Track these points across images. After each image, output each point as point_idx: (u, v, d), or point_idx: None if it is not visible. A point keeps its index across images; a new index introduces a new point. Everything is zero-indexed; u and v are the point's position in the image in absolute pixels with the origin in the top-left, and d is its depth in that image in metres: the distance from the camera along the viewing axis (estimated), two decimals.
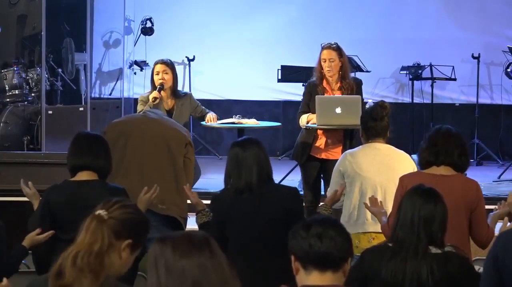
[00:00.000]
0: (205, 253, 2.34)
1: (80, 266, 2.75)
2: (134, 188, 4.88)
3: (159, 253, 2.36)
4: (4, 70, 9.67)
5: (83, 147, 4.63)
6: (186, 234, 2.42)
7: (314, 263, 2.85)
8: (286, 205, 4.60)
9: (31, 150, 9.11)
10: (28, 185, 4.82)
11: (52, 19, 9.67)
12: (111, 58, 11.52)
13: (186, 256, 2.33)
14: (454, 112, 11.11)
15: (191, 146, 5.83)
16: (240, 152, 4.63)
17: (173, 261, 2.33)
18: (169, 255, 2.34)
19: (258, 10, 11.26)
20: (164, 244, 2.37)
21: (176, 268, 2.32)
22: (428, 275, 3.60)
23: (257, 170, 4.59)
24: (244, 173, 4.58)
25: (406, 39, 11.03)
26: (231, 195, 4.64)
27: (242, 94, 11.32)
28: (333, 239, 2.86)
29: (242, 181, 4.58)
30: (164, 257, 2.34)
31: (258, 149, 4.66)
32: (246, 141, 4.75)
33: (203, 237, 2.40)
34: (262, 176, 4.61)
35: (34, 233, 4.48)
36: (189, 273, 2.31)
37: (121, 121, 5.95)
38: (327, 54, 7.04)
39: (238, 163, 4.62)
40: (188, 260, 2.32)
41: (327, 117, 6.93)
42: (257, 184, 4.58)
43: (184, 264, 2.32)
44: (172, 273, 2.32)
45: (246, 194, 4.58)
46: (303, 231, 2.89)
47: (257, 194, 4.57)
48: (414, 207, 3.69)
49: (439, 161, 4.62)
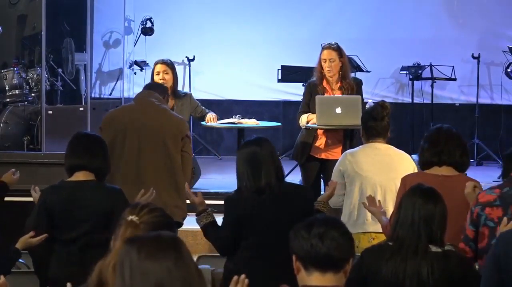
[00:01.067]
0: (170, 255, 2.32)
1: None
2: (133, 195, 4.83)
3: (125, 254, 2.34)
4: (4, 70, 9.66)
5: (80, 147, 4.62)
6: (154, 235, 2.40)
7: (315, 264, 2.83)
8: (306, 205, 4.60)
9: (31, 150, 9.10)
10: (36, 190, 4.81)
11: (52, 19, 9.66)
12: (111, 58, 11.51)
13: (151, 257, 2.30)
14: (454, 112, 11.11)
15: (188, 137, 5.78)
16: (258, 151, 4.57)
17: (138, 262, 2.30)
18: (134, 256, 2.31)
19: (258, 10, 11.26)
20: (131, 245, 2.35)
21: (140, 270, 2.30)
22: (428, 274, 3.60)
23: (275, 169, 4.57)
24: (264, 173, 4.53)
25: (406, 39, 11.03)
26: (249, 195, 4.56)
27: (242, 94, 11.32)
28: (335, 239, 2.84)
29: (262, 181, 4.52)
30: (129, 258, 2.32)
31: (272, 148, 4.64)
32: (261, 139, 4.68)
33: (172, 239, 2.38)
34: (278, 176, 4.59)
35: (28, 235, 4.46)
36: (153, 275, 2.29)
37: (116, 117, 5.78)
38: (327, 54, 7.04)
39: (256, 162, 4.54)
40: (153, 262, 2.30)
41: (327, 117, 6.93)
42: (276, 184, 4.56)
43: (148, 266, 2.30)
44: (136, 275, 2.30)
45: (267, 194, 4.54)
46: (304, 231, 2.87)
47: (277, 194, 4.55)
48: (414, 207, 3.69)
49: (441, 161, 4.62)
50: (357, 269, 3.75)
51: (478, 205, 4.17)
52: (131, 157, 5.62)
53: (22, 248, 4.46)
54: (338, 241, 2.85)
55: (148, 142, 5.64)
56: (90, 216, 4.53)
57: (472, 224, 4.17)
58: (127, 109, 5.86)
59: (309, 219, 2.97)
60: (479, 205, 4.16)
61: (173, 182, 5.65)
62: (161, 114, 5.73)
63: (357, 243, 5.37)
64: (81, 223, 4.53)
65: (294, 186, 4.80)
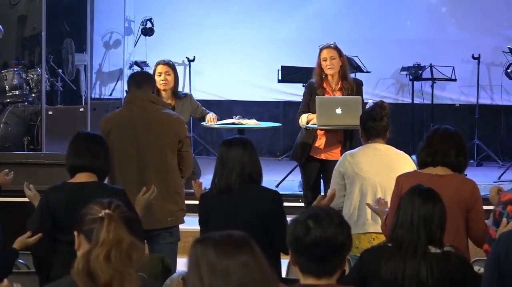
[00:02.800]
0: (246, 252, 2.33)
1: (114, 265, 2.74)
2: (133, 197, 4.82)
3: (201, 254, 2.33)
4: (4, 71, 9.67)
5: (82, 147, 4.60)
6: (226, 234, 2.41)
7: (309, 257, 2.84)
8: (263, 209, 4.58)
9: (31, 150, 9.10)
10: (30, 187, 4.80)
11: (52, 19, 9.66)
12: (111, 59, 11.51)
13: (229, 255, 2.32)
14: (454, 112, 11.11)
15: (187, 137, 5.77)
16: (225, 152, 4.64)
17: (216, 261, 2.31)
18: (211, 255, 2.32)
19: (258, 10, 11.26)
20: (206, 244, 2.35)
21: (220, 268, 2.30)
22: (428, 275, 3.60)
23: (238, 170, 4.57)
24: (226, 173, 4.59)
25: (406, 39, 11.03)
26: (213, 194, 4.67)
27: (242, 95, 11.33)
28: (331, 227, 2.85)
29: (223, 181, 4.60)
30: (206, 257, 2.32)
31: (243, 149, 4.63)
32: (233, 140, 4.73)
33: (243, 236, 2.40)
34: (243, 177, 4.58)
35: (25, 235, 4.45)
36: (233, 273, 2.30)
37: (113, 121, 5.71)
38: (327, 53, 7.05)
39: (222, 162, 4.63)
40: (231, 259, 2.31)
41: (327, 118, 6.94)
42: (237, 185, 4.56)
43: (227, 264, 2.30)
44: (216, 273, 2.30)
45: (226, 194, 4.59)
46: (301, 219, 2.88)
47: (236, 195, 4.57)
48: (413, 207, 3.69)
49: (435, 161, 4.61)
50: (356, 269, 3.76)
51: (500, 205, 4.14)
52: (130, 161, 5.59)
53: (19, 248, 4.46)
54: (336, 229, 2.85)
55: (147, 144, 5.61)
56: None
57: (495, 224, 4.14)
58: (124, 112, 5.77)
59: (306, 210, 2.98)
60: (501, 204, 4.13)
61: (173, 186, 5.64)
62: (159, 116, 5.68)
63: (357, 243, 5.38)
64: None
65: (257, 189, 4.69)
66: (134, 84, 5.76)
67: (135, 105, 5.67)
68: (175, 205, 5.63)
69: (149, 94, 5.71)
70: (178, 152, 5.68)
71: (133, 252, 2.81)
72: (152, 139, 5.59)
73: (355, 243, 5.39)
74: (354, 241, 5.35)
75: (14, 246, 4.45)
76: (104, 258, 2.74)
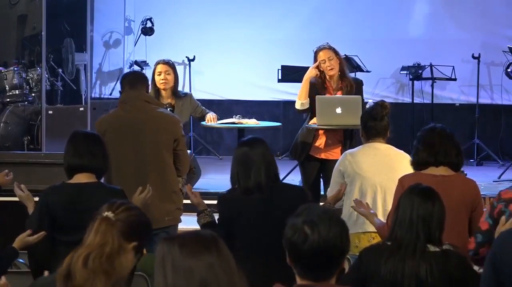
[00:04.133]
0: (212, 252, 2.32)
1: (92, 268, 2.74)
2: (130, 197, 4.81)
3: (166, 252, 2.34)
4: (4, 70, 9.67)
5: (80, 147, 4.59)
6: (194, 233, 2.41)
7: (305, 262, 2.81)
8: (295, 206, 4.58)
9: (31, 150, 9.10)
10: (21, 188, 4.77)
11: (52, 19, 9.66)
12: (111, 58, 11.52)
13: (194, 255, 2.31)
14: (454, 112, 11.11)
15: (182, 136, 5.76)
16: (248, 151, 4.59)
17: (180, 260, 2.31)
18: (176, 254, 2.32)
19: (259, 10, 11.26)
20: (172, 243, 2.35)
21: (184, 267, 2.30)
22: (427, 274, 3.60)
23: (265, 169, 4.56)
24: (253, 173, 4.54)
25: (406, 39, 11.03)
26: (239, 194, 4.59)
27: (242, 94, 11.32)
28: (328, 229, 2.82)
29: (251, 181, 4.54)
30: (171, 256, 2.32)
31: (265, 148, 4.63)
32: (253, 140, 4.70)
33: (211, 236, 2.39)
34: (270, 176, 4.58)
35: (25, 234, 4.43)
36: (197, 273, 2.29)
37: (109, 122, 5.70)
38: (324, 54, 7.06)
39: (247, 162, 4.57)
40: (195, 259, 2.31)
41: (327, 117, 6.94)
42: (266, 184, 4.55)
43: (191, 264, 2.30)
44: (179, 272, 2.30)
45: (256, 194, 4.55)
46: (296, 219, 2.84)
47: (266, 194, 4.54)
48: (412, 206, 3.69)
49: (438, 161, 4.61)
50: (355, 269, 3.76)
51: (501, 202, 4.10)
52: (126, 161, 5.58)
53: (19, 247, 4.44)
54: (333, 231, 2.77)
55: (143, 144, 5.60)
56: (93, 217, 4.51)
57: (491, 218, 4.12)
58: (119, 112, 5.74)
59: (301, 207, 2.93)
60: (503, 202, 4.09)
61: (169, 186, 5.63)
62: (154, 116, 5.67)
63: (357, 242, 5.38)
64: (84, 224, 4.50)
65: (289, 186, 4.77)
66: (128, 84, 5.74)
67: (129, 105, 5.66)
68: (172, 204, 5.63)
69: (143, 93, 5.69)
70: (174, 151, 5.67)
71: (118, 257, 2.80)
72: (147, 139, 5.58)
73: (355, 242, 5.39)
74: (353, 240, 5.39)
75: (14, 245, 4.43)
76: (83, 261, 2.75)
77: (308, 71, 7.14)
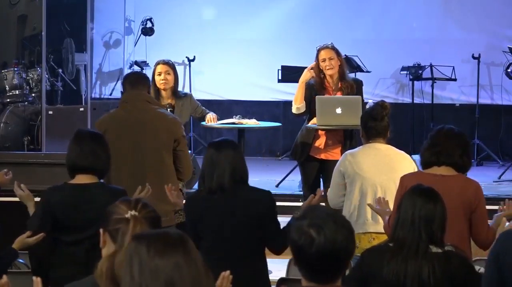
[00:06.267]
0: (179, 252, 2.31)
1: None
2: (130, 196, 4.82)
3: (134, 251, 2.33)
4: (4, 71, 9.67)
5: (84, 148, 4.58)
6: (162, 233, 2.39)
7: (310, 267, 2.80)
8: (259, 209, 4.56)
9: (31, 150, 9.10)
10: (21, 187, 4.76)
11: (52, 19, 9.67)
12: (112, 58, 11.52)
13: (161, 255, 2.30)
14: (455, 112, 11.11)
15: (183, 137, 5.75)
16: (215, 153, 4.60)
17: (147, 259, 2.30)
18: (143, 253, 2.31)
19: (259, 10, 11.27)
20: (139, 242, 2.34)
21: (150, 267, 2.29)
22: (429, 275, 3.59)
23: (230, 171, 4.55)
24: (217, 174, 4.55)
25: (406, 39, 11.04)
26: (204, 195, 4.62)
27: (242, 95, 11.33)
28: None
29: (214, 182, 4.55)
30: (138, 255, 2.31)
31: (233, 150, 4.62)
32: (221, 142, 4.72)
33: (178, 235, 2.37)
34: (235, 177, 4.56)
35: (25, 235, 4.43)
36: (162, 272, 2.28)
37: (108, 122, 5.69)
38: (325, 53, 7.06)
39: (212, 163, 4.58)
40: (162, 259, 2.29)
41: (327, 117, 6.93)
42: (229, 185, 4.54)
43: (157, 263, 2.29)
44: (146, 272, 2.29)
45: (218, 195, 4.55)
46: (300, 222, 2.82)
47: (229, 195, 4.54)
48: (414, 207, 3.69)
49: (440, 161, 4.61)
50: (357, 269, 3.75)
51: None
52: (126, 160, 5.57)
53: (19, 248, 4.44)
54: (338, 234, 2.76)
55: (142, 144, 5.60)
56: (96, 217, 4.51)
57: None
58: (120, 112, 5.74)
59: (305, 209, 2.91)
60: None
61: (164, 184, 5.62)
62: (155, 116, 5.66)
63: (357, 243, 5.37)
64: (87, 224, 4.50)
65: (250, 189, 4.69)
66: (129, 84, 5.76)
67: (130, 105, 5.66)
68: (170, 205, 5.60)
69: (144, 94, 5.70)
70: (174, 152, 5.66)
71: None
72: (147, 139, 5.58)
73: (355, 243, 5.39)
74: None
75: (14, 246, 4.43)
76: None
77: (303, 75, 7.13)
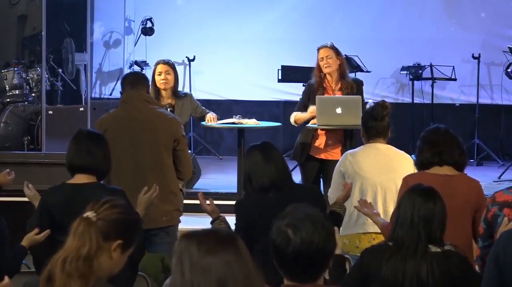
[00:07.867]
0: (230, 250, 2.33)
1: (68, 271, 2.73)
2: (130, 198, 4.81)
3: (184, 249, 2.34)
4: (4, 70, 9.68)
5: (83, 148, 4.58)
6: (212, 231, 2.42)
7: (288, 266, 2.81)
8: (316, 201, 4.57)
9: (31, 150, 9.11)
10: (29, 187, 4.78)
11: (52, 19, 9.67)
12: (112, 58, 11.52)
13: (212, 253, 2.31)
14: (455, 112, 11.11)
15: (183, 137, 5.75)
16: (262, 153, 4.61)
17: (198, 257, 2.31)
18: (194, 251, 2.32)
19: (259, 10, 11.27)
20: (190, 240, 2.35)
21: (201, 265, 2.31)
22: (428, 274, 3.59)
23: (277, 169, 4.57)
24: (267, 172, 4.55)
25: (406, 39, 11.04)
26: (255, 197, 4.59)
27: (242, 94, 11.33)
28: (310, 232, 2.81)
29: (266, 179, 4.54)
30: (189, 253, 2.32)
31: (276, 150, 4.69)
32: (265, 143, 4.74)
33: (228, 234, 2.40)
34: (284, 175, 4.60)
35: (33, 233, 4.44)
36: (214, 270, 2.30)
37: (108, 122, 5.68)
38: (323, 52, 7.08)
39: (259, 163, 4.57)
40: (213, 257, 2.31)
41: (327, 117, 6.94)
42: (280, 183, 4.56)
43: (209, 261, 2.31)
44: (197, 270, 2.30)
45: (272, 193, 4.54)
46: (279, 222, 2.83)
47: (283, 193, 4.53)
48: (413, 206, 3.68)
49: (442, 161, 4.61)
50: (356, 269, 3.75)
51: (495, 205, 4.07)
52: (125, 160, 5.57)
53: (28, 245, 4.46)
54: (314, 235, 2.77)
55: (142, 143, 5.59)
56: None
57: (485, 222, 4.10)
58: (119, 112, 5.73)
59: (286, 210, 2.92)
60: (496, 205, 4.07)
61: (167, 185, 5.62)
62: (154, 116, 5.66)
63: (357, 243, 5.37)
64: None
65: (301, 185, 4.78)
66: (129, 84, 5.76)
67: (130, 105, 5.66)
68: (170, 205, 5.61)
69: (144, 93, 5.70)
70: (174, 151, 5.66)
71: (97, 258, 2.79)
72: (147, 139, 5.58)
73: (355, 243, 5.39)
74: (354, 240, 5.40)
75: (23, 244, 4.45)
76: (61, 264, 2.75)
77: (309, 113, 7.10)
